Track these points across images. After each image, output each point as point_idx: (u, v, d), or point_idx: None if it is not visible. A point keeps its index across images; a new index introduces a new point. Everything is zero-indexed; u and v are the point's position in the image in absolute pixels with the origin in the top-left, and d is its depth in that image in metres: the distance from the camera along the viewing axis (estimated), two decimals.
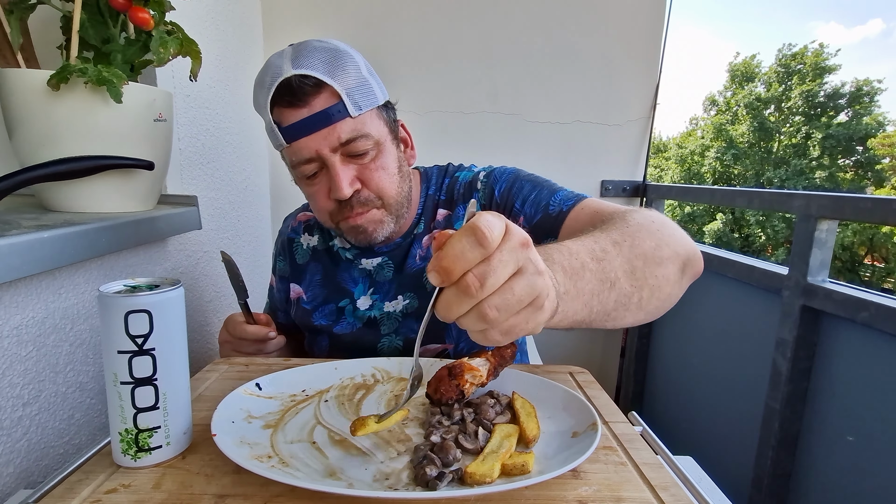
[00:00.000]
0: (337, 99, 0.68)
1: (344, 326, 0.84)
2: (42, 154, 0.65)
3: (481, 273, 0.36)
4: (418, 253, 0.83)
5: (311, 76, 0.67)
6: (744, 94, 20.61)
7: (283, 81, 0.67)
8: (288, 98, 0.68)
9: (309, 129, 0.68)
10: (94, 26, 0.69)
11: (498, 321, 0.38)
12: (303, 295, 0.89)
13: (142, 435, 0.46)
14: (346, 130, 0.69)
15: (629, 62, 1.56)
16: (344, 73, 0.69)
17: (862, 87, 18.71)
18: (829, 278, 0.99)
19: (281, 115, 0.69)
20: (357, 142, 0.70)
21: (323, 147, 0.69)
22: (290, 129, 0.69)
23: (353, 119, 0.69)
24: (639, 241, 0.55)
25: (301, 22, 1.50)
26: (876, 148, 18.26)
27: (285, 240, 0.93)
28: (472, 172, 0.85)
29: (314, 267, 0.89)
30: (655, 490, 0.45)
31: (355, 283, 0.85)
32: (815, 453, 1.00)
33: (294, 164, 0.72)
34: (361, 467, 0.47)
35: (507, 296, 0.37)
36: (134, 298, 0.44)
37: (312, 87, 0.67)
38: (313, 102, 0.68)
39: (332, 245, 0.89)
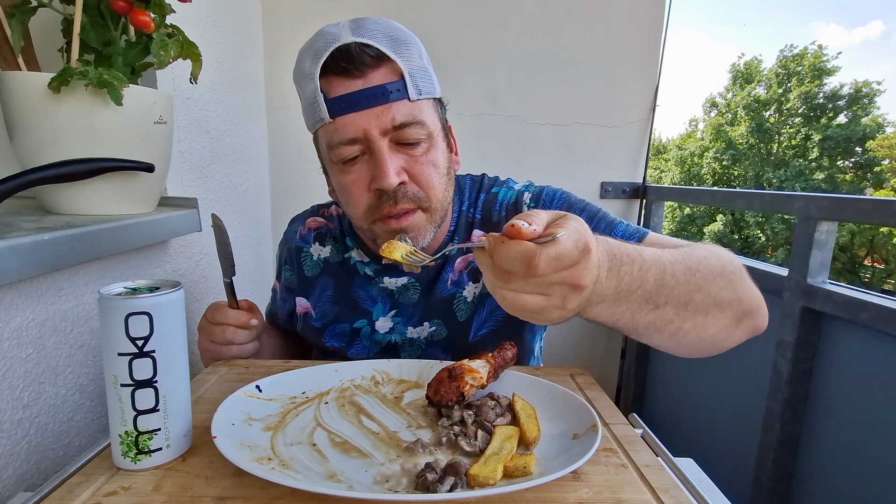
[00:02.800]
0: (398, 76, 0.62)
1: (359, 350, 0.78)
2: (43, 156, 0.65)
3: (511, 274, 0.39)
4: (450, 277, 0.74)
5: (373, 46, 0.60)
6: (743, 96, 20.66)
7: (340, 47, 0.60)
8: (344, 64, 0.60)
9: (361, 104, 0.60)
10: (94, 29, 0.69)
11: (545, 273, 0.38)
12: (311, 311, 0.81)
13: (142, 437, 0.46)
14: (401, 112, 0.61)
15: (629, 64, 1.56)
16: (408, 52, 0.63)
17: (861, 89, 18.74)
18: (829, 280, 0.99)
19: (330, 84, 0.61)
20: (411, 128, 0.62)
21: (373, 127, 0.61)
22: (338, 101, 0.61)
23: (410, 102, 0.62)
24: (711, 277, 0.52)
25: (301, 25, 1.51)
26: (875, 150, 18.28)
27: (293, 248, 0.84)
28: (514, 191, 0.77)
29: (325, 280, 0.80)
30: (656, 492, 0.45)
31: (374, 302, 0.77)
32: (816, 455, 1.00)
33: (333, 144, 0.63)
34: (362, 469, 0.47)
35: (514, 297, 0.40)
36: (134, 300, 0.44)
37: (373, 58, 0.60)
38: (371, 75, 0.61)
39: (348, 257, 0.80)
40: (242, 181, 1.35)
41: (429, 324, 0.76)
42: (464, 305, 0.75)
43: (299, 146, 1.57)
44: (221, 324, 0.71)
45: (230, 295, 0.73)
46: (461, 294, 0.75)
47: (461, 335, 0.75)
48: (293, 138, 1.56)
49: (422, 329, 0.76)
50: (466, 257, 0.76)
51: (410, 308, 0.77)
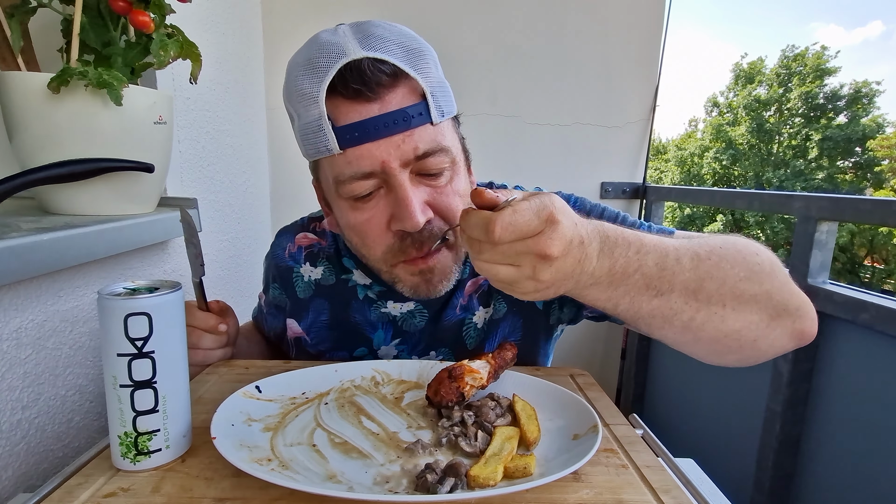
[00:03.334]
0: (419, 97, 0.53)
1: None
2: (42, 157, 0.65)
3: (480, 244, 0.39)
4: (460, 302, 0.68)
5: (388, 62, 0.51)
6: (744, 96, 20.68)
7: (350, 64, 0.50)
8: (356, 86, 0.50)
9: (378, 133, 0.51)
10: (94, 29, 0.69)
11: (501, 240, 0.38)
12: (304, 336, 0.74)
13: (141, 438, 0.46)
14: (424, 140, 0.53)
15: (629, 64, 1.57)
16: (426, 65, 0.54)
17: (861, 89, 18.76)
18: (829, 280, 0.99)
19: (339, 109, 0.52)
20: (435, 157, 0.54)
21: (393, 158, 0.52)
22: (350, 130, 0.51)
23: (433, 126, 0.54)
24: (726, 266, 0.47)
25: (301, 25, 1.51)
26: (875, 150, 18.29)
27: (282, 267, 0.75)
28: None
29: (319, 304, 0.73)
30: (657, 493, 0.45)
31: (374, 329, 0.71)
32: (816, 455, 1.00)
33: (343, 178, 0.54)
34: (361, 470, 0.47)
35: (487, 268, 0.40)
36: (133, 301, 0.44)
37: (389, 76, 0.51)
38: (388, 97, 0.52)
39: (346, 279, 0.72)
40: (242, 181, 1.35)
41: (435, 353, 0.70)
42: (474, 332, 0.69)
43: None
44: (189, 326, 0.63)
45: (199, 296, 0.68)
46: (471, 320, 0.69)
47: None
48: (293, 138, 1.56)
49: (428, 359, 0.70)
50: (476, 280, 0.69)
51: (416, 335, 0.70)
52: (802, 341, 0.52)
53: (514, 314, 0.69)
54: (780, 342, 0.51)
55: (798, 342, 0.52)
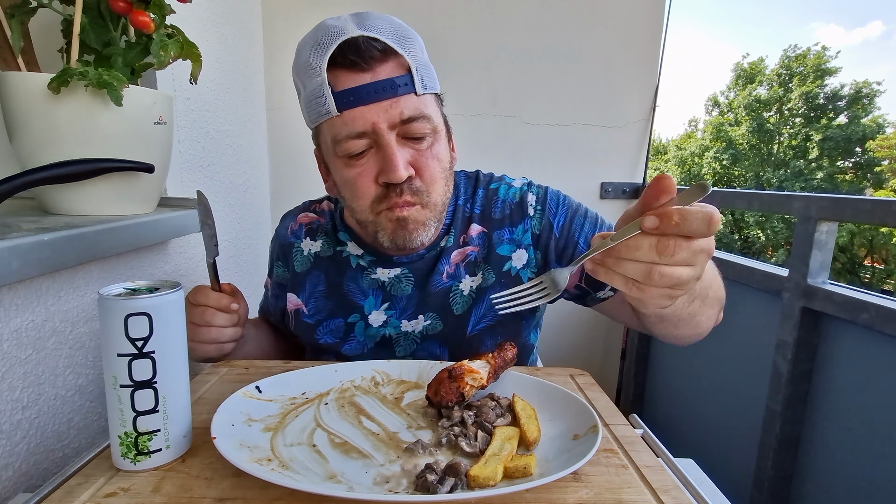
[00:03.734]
0: (404, 70, 0.62)
1: (353, 346, 0.76)
2: (42, 157, 0.65)
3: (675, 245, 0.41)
4: (446, 269, 0.74)
5: (379, 40, 0.61)
6: (744, 96, 20.67)
7: (347, 40, 0.60)
8: (352, 58, 0.60)
9: (370, 98, 0.60)
10: (94, 30, 0.69)
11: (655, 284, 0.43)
12: (303, 307, 0.79)
13: (141, 438, 0.46)
14: (409, 107, 0.62)
15: (628, 64, 1.57)
16: (413, 47, 0.63)
17: (861, 90, 18.75)
18: (828, 280, 0.99)
19: (337, 77, 0.61)
20: (418, 122, 0.63)
21: (381, 120, 0.61)
22: (346, 95, 0.60)
23: (417, 97, 0.63)
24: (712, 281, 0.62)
25: (301, 25, 1.50)
26: (875, 150, 18.28)
27: (284, 244, 0.83)
28: (515, 189, 0.78)
29: (316, 276, 0.79)
30: (656, 493, 0.45)
31: (365, 296, 0.76)
32: (816, 455, 1.00)
33: (340, 137, 0.63)
34: (361, 471, 0.47)
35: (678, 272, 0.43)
36: (134, 301, 0.44)
37: (381, 52, 0.61)
38: (378, 69, 0.61)
39: (340, 251, 0.79)
40: (242, 181, 1.35)
41: (423, 317, 0.75)
42: (460, 299, 0.74)
43: (299, 146, 1.57)
44: (202, 305, 0.68)
45: (213, 277, 0.70)
46: (457, 287, 0.74)
47: (458, 330, 0.74)
48: (293, 138, 1.56)
49: (416, 322, 0.75)
50: (463, 251, 0.75)
51: (404, 301, 0.75)
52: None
53: (501, 285, 0.73)
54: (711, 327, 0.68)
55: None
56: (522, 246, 0.75)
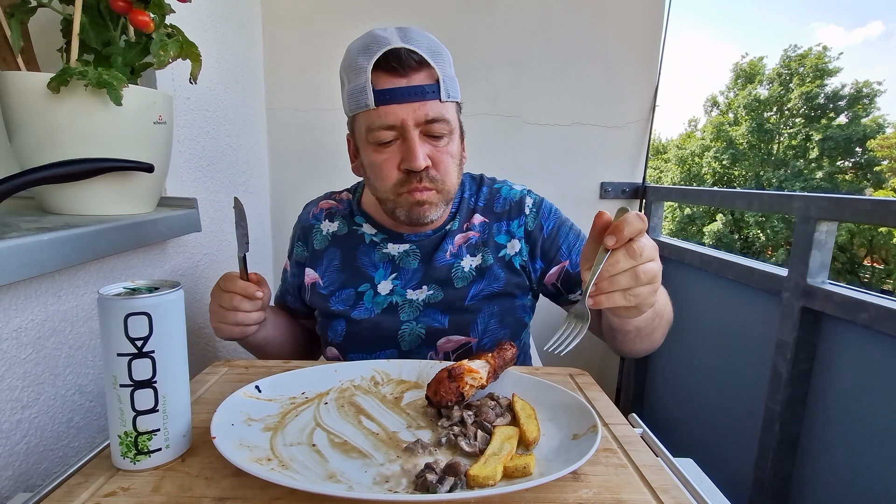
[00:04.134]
0: (434, 80, 0.74)
1: (362, 312, 0.85)
2: (42, 157, 0.65)
3: (640, 245, 0.53)
4: (450, 249, 0.86)
5: (417, 53, 0.73)
6: (744, 95, 20.66)
7: (391, 50, 0.72)
8: (394, 64, 0.72)
9: (403, 98, 0.72)
10: (94, 29, 0.69)
11: (642, 280, 0.54)
12: (319, 280, 0.89)
13: (141, 438, 0.46)
14: (433, 110, 0.74)
15: (628, 64, 1.56)
16: (443, 62, 0.76)
17: (861, 90, 18.75)
18: (828, 280, 0.99)
19: (379, 78, 0.73)
20: (438, 124, 0.75)
21: (410, 118, 0.73)
22: (384, 93, 0.73)
23: (440, 103, 0.75)
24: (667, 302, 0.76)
25: (301, 25, 1.51)
26: (875, 150, 18.28)
27: (305, 226, 0.94)
28: (516, 191, 0.91)
29: (332, 252, 0.89)
30: (656, 492, 0.45)
31: (375, 268, 0.86)
32: (815, 455, 1.00)
33: (373, 127, 0.75)
34: (361, 470, 0.47)
35: (650, 268, 0.55)
36: (133, 301, 0.44)
37: (417, 63, 0.73)
38: (413, 76, 0.73)
39: (355, 230, 0.90)
40: (242, 181, 1.35)
41: (427, 287, 0.84)
42: (461, 274, 0.85)
43: (298, 146, 1.57)
44: (230, 291, 0.77)
45: (242, 268, 0.79)
46: (459, 265, 0.85)
47: (457, 300, 0.84)
48: (292, 138, 1.56)
49: (420, 292, 0.84)
50: (466, 235, 0.87)
51: (410, 273, 0.86)
52: None
53: (497, 266, 0.85)
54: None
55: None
56: (516, 237, 0.87)
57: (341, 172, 1.57)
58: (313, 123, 1.55)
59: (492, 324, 0.84)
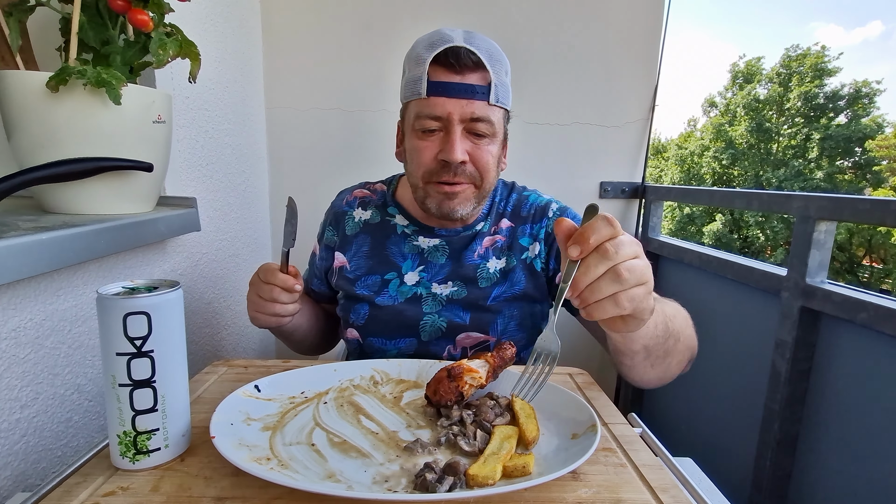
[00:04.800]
0: (486, 82, 0.77)
1: (386, 298, 0.87)
2: (41, 156, 0.65)
3: (615, 243, 0.48)
4: (478, 249, 0.88)
5: (476, 54, 0.76)
6: (743, 95, 20.66)
7: (452, 47, 0.76)
8: (452, 60, 0.75)
9: (453, 92, 0.76)
10: (93, 28, 0.69)
11: (629, 282, 0.48)
12: (346, 264, 0.92)
13: (140, 437, 0.46)
14: (480, 109, 0.77)
15: (628, 64, 1.56)
16: (499, 68, 0.79)
17: (861, 89, 18.75)
18: (827, 279, 0.99)
19: (435, 71, 0.77)
20: (482, 123, 0.77)
21: (456, 112, 0.76)
22: (437, 85, 0.76)
23: (488, 105, 0.77)
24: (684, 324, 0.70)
25: (300, 24, 1.50)
26: (875, 149, 18.29)
27: (338, 212, 0.96)
28: (543, 199, 0.94)
29: (363, 239, 0.92)
30: (655, 492, 0.45)
31: (404, 258, 0.89)
32: (814, 454, 1.00)
33: (422, 115, 0.78)
34: (360, 469, 0.47)
35: (635, 266, 0.48)
36: (132, 300, 0.44)
37: (474, 63, 0.76)
38: (468, 75, 0.76)
39: (388, 220, 0.92)
40: (241, 181, 1.34)
41: (452, 283, 0.87)
42: (486, 275, 0.87)
43: (298, 145, 1.57)
44: (270, 283, 0.79)
45: (284, 262, 0.80)
46: (485, 265, 0.87)
47: (480, 299, 0.86)
48: (292, 137, 1.56)
49: (445, 287, 0.87)
50: (493, 238, 0.90)
51: (437, 267, 0.88)
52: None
53: (520, 269, 0.87)
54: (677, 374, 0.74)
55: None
56: (538, 240, 0.89)
57: (342, 171, 1.58)
58: (313, 122, 1.55)
59: (511, 326, 0.86)
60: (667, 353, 0.67)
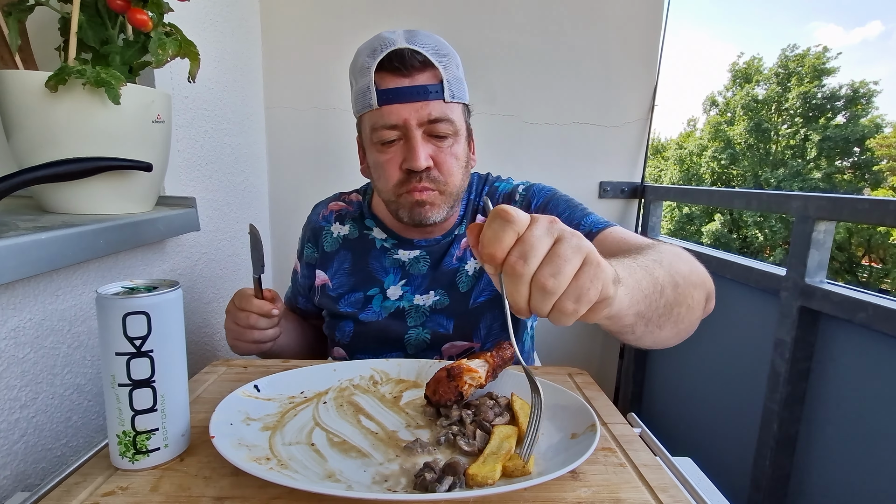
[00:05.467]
0: (437, 80, 0.74)
1: (370, 315, 0.85)
2: (40, 155, 0.65)
3: (520, 251, 0.38)
4: (456, 253, 0.86)
5: (421, 53, 0.73)
6: (742, 95, 20.67)
7: (395, 50, 0.72)
8: (397, 64, 0.72)
9: (405, 98, 0.72)
10: (92, 28, 0.69)
11: (559, 287, 0.38)
12: (329, 282, 0.89)
13: (140, 437, 0.46)
14: (436, 110, 0.73)
15: (627, 64, 1.56)
16: (448, 63, 0.75)
17: (859, 89, 18.77)
18: (826, 279, 0.99)
19: (382, 79, 0.73)
20: (442, 124, 0.74)
21: (412, 118, 0.73)
22: (386, 93, 0.73)
23: (444, 103, 0.74)
24: (675, 264, 0.59)
25: (300, 24, 1.50)
26: (875, 149, 18.30)
27: (315, 228, 0.94)
28: (511, 185, 0.90)
29: (343, 255, 0.90)
30: (654, 491, 0.45)
31: (386, 273, 0.87)
32: (813, 454, 1.00)
33: (377, 127, 0.75)
34: (360, 469, 0.47)
35: (556, 261, 0.38)
36: (132, 300, 0.44)
37: (420, 63, 0.73)
38: (417, 76, 0.73)
39: (366, 234, 0.90)
40: (241, 180, 1.34)
41: (434, 293, 0.84)
42: (465, 278, 0.84)
43: (298, 145, 1.57)
44: (246, 310, 0.77)
45: (257, 287, 0.79)
46: (463, 268, 0.85)
47: (462, 304, 0.84)
48: (291, 137, 1.55)
49: (427, 297, 0.84)
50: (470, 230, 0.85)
51: (419, 279, 0.86)
52: (707, 315, 0.66)
53: None
54: (703, 314, 0.64)
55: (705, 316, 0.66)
56: None
57: (341, 171, 1.57)
58: (312, 122, 1.55)
59: (495, 328, 0.84)
60: (669, 307, 0.54)
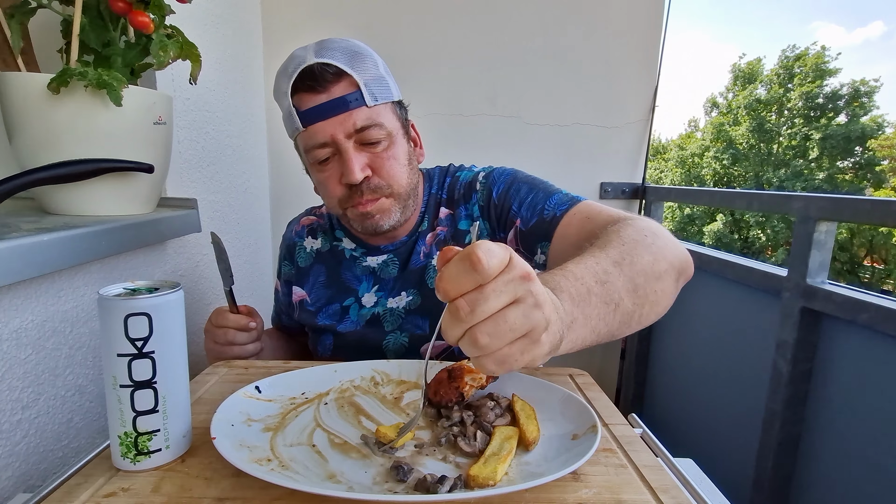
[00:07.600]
0: (355, 88, 0.72)
1: (348, 325, 0.85)
2: (42, 157, 0.65)
3: (472, 299, 0.36)
4: (422, 250, 0.84)
5: (332, 65, 0.71)
6: (744, 96, 20.65)
7: (305, 68, 0.71)
8: (309, 83, 0.71)
9: (326, 114, 0.71)
10: (94, 30, 0.69)
11: (489, 348, 0.37)
12: (306, 297, 0.90)
13: (141, 438, 0.46)
14: (361, 118, 0.72)
15: (628, 64, 1.57)
16: (363, 66, 0.73)
17: (859, 88, 18.74)
18: (828, 280, 0.99)
19: (301, 99, 0.72)
20: (371, 130, 0.72)
21: (338, 132, 0.71)
22: (308, 113, 0.71)
23: (368, 108, 0.72)
24: (637, 257, 0.55)
25: (301, 25, 1.51)
26: (876, 149, 18.26)
27: (290, 244, 0.94)
28: (472, 173, 0.87)
29: (318, 269, 0.90)
30: (656, 492, 0.45)
31: (359, 282, 0.86)
32: (816, 455, 1.00)
33: (308, 148, 0.74)
34: (361, 470, 0.47)
35: (500, 324, 0.36)
36: (133, 301, 0.44)
37: (333, 75, 0.71)
38: (332, 89, 0.71)
39: (336, 245, 0.90)
40: (242, 182, 1.35)
41: (405, 293, 0.83)
42: (433, 273, 0.82)
43: None
44: (223, 326, 0.77)
45: (230, 301, 0.79)
46: (431, 264, 0.83)
47: (433, 300, 0.81)
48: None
49: (399, 299, 0.83)
50: (435, 232, 0.85)
51: (390, 282, 0.85)
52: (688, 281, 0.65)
53: None
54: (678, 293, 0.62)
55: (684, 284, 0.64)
56: (474, 218, 0.83)
57: None
58: None
59: None
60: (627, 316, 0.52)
